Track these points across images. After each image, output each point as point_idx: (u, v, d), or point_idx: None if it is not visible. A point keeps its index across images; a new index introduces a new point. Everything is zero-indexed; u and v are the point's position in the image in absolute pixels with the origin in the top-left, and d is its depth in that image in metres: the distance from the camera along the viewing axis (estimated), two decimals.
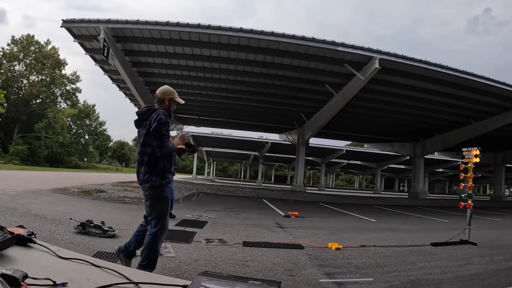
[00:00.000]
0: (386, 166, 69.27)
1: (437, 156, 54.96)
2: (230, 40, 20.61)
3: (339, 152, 60.10)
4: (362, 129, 38.77)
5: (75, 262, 1.86)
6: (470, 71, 22.57)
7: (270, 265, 6.98)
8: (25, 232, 2.06)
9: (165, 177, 5.38)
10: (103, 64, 25.38)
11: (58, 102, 73.50)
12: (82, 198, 16.24)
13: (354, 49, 20.59)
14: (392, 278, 6.61)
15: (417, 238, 11.37)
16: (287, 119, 34.66)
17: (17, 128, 64.62)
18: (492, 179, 56.98)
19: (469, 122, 31.36)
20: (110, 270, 1.77)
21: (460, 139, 33.24)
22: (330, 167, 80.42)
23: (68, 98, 75.07)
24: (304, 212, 17.66)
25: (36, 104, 68.86)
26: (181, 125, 44.14)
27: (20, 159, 55.68)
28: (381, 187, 73.56)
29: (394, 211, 23.67)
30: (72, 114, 68.89)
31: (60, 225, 8.95)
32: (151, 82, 28.23)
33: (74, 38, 21.85)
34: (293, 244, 9.22)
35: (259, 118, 37.51)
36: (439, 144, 37.83)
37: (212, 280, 1.46)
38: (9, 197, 13.43)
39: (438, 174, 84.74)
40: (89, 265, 1.84)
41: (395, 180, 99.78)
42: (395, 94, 25.89)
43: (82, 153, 76.07)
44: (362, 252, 8.82)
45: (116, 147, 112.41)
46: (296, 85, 25.91)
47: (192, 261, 6.75)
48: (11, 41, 66.62)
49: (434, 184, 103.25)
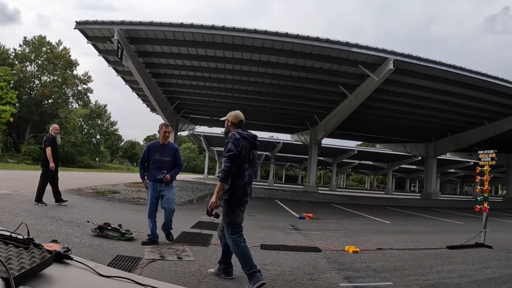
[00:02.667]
0: (398, 167, 68.96)
1: (449, 156, 54.70)
2: (244, 41, 20.66)
3: (350, 152, 59.91)
4: (374, 130, 38.60)
5: (117, 280, 1.83)
6: (483, 72, 22.43)
7: (289, 269, 6.97)
8: (60, 247, 2.04)
9: None
10: (116, 65, 25.51)
11: (69, 102, 73.93)
12: (96, 199, 16.26)
13: (368, 50, 20.50)
14: (411, 282, 6.58)
15: (433, 241, 11.26)
16: (300, 119, 34.63)
17: (29, 128, 64.91)
18: (504, 180, 56.62)
19: (482, 123, 31.16)
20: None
21: (473, 140, 33.18)
22: (341, 167, 80.00)
23: (80, 98, 75.41)
24: (317, 213, 17.63)
25: (48, 104, 69.10)
26: (193, 125, 44.23)
27: (32, 159, 55.82)
28: (392, 187, 73.16)
29: (407, 213, 23.49)
30: (83, 114, 69.15)
31: (77, 228, 8.96)
32: (164, 83, 28.33)
33: (87, 40, 21.98)
34: (310, 247, 9.19)
35: (271, 119, 37.51)
36: (452, 144, 37.66)
37: None
38: (24, 198, 13.43)
39: (449, 174, 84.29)
40: (133, 283, 1.81)
41: (406, 181, 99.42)
42: (408, 95, 25.78)
43: (94, 153, 76.23)
44: (379, 255, 8.77)
45: (127, 147, 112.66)
46: (309, 86, 25.89)
47: (212, 264, 6.74)
48: (23, 42, 67.13)
49: (446, 185, 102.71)
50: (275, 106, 31.38)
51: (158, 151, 8.59)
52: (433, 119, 31.85)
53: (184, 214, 13.66)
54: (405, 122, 33.26)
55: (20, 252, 1.91)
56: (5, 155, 54.99)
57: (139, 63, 23.24)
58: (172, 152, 8.70)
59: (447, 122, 32.71)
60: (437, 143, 39.21)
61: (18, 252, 1.91)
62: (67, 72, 69.42)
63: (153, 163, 8.54)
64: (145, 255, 7.00)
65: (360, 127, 36.92)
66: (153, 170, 8.50)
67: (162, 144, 8.69)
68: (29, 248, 1.97)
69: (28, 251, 1.94)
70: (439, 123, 33.19)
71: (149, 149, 8.69)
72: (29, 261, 1.80)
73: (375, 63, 21.53)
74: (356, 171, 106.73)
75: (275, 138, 58.95)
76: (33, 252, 1.92)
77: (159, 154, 8.54)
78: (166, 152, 8.62)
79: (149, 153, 8.64)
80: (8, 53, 66.16)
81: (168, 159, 8.59)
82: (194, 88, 28.87)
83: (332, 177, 67.92)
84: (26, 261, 1.80)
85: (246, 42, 20.77)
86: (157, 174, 8.41)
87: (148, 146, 8.90)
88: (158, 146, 8.70)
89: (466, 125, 32.82)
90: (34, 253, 1.90)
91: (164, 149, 8.64)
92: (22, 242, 2.05)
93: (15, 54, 66.53)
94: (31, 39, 67.14)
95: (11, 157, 55.48)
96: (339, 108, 27.99)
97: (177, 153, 8.84)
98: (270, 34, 19.65)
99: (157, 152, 8.56)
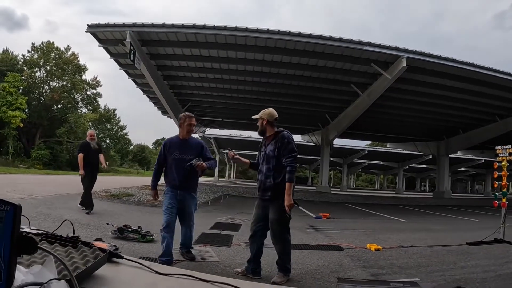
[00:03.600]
0: (408, 166, 68.80)
1: (460, 155, 54.48)
2: (257, 41, 20.70)
3: (361, 152, 59.93)
4: (385, 129, 38.50)
5: (180, 278, 1.73)
6: (495, 68, 22.36)
7: (315, 267, 7.00)
8: (109, 246, 1.94)
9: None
10: (127, 68, 25.55)
11: (79, 107, 74.10)
12: (111, 202, 16.34)
13: (381, 48, 20.48)
14: (438, 278, 6.60)
15: (452, 238, 11.30)
16: (311, 120, 34.55)
17: (39, 133, 65.16)
18: None
19: (494, 120, 31.01)
20: (224, 285, 1.64)
21: (485, 137, 33.01)
22: (351, 168, 80.00)
23: (89, 103, 75.57)
24: (333, 213, 17.60)
25: (58, 109, 69.43)
26: (204, 127, 44.30)
27: (42, 164, 56.13)
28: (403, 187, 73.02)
29: (421, 211, 23.51)
30: (93, 119, 69.50)
31: (96, 230, 8.98)
32: (175, 85, 28.38)
33: (99, 43, 22.00)
34: (332, 245, 9.25)
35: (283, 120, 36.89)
36: (464, 142, 37.45)
37: (356, 286, 1.35)
38: (39, 201, 13.55)
39: (460, 173, 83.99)
40: (197, 281, 1.71)
41: (417, 180, 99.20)
42: (420, 93, 25.70)
43: None
44: (401, 253, 8.81)
45: (136, 150, 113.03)
46: (321, 86, 25.90)
47: (236, 264, 6.78)
48: (31, 48, 67.37)
49: (456, 183, 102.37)
50: (286, 107, 31.29)
51: (178, 148, 6.93)
52: (444, 117, 31.78)
53: (201, 215, 13.61)
54: (416, 120, 33.18)
55: (69, 252, 1.80)
56: (16, 160, 55.33)
57: (151, 65, 23.29)
58: (196, 149, 7.04)
59: (459, 120, 32.57)
60: (449, 141, 38.99)
61: (67, 251, 1.80)
62: (76, 77, 69.69)
63: (172, 164, 6.88)
64: None
65: (372, 127, 36.80)
66: (172, 172, 6.86)
67: (183, 139, 7.02)
68: (78, 247, 1.86)
69: (78, 249, 1.83)
70: (450, 121, 33.09)
71: (166, 146, 7.06)
72: (82, 260, 1.69)
73: (388, 61, 21.46)
74: (366, 171, 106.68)
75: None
76: (83, 251, 1.81)
77: (179, 152, 6.88)
78: (188, 150, 6.93)
79: (166, 151, 7.02)
80: (17, 59, 66.52)
81: (191, 158, 6.77)
82: (205, 90, 28.91)
83: (342, 177, 67.97)
84: (79, 260, 1.68)
85: (259, 43, 20.78)
86: (176, 178, 6.79)
87: (165, 142, 7.21)
88: (177, 141, 7.04)
89: (477, 122, 32.67)
90: (86, 252, 1.79)
91: (186, 146, 6.96)
92: (68, 240, 1.94)
93: (24, 60, 66.97)
94: (39, 45, 67.50)
95: (21, 162, 55.75)
96: (351, 107, 27.91)
97: (204, 151, 7.15)
98: (283, 34, 19.68)
99: (177, 150, 6.91)
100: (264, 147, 6.45)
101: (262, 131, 6.40)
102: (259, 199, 6.45)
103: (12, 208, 1.14)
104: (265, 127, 6.36)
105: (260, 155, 6.52)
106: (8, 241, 1.13)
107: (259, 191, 6.40)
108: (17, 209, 1.14)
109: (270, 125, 6.38)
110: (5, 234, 1.13)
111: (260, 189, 6.35)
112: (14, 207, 1.14)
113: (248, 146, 62.36)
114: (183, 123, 7.03)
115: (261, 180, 6.33)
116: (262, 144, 6.59)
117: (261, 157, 6.46)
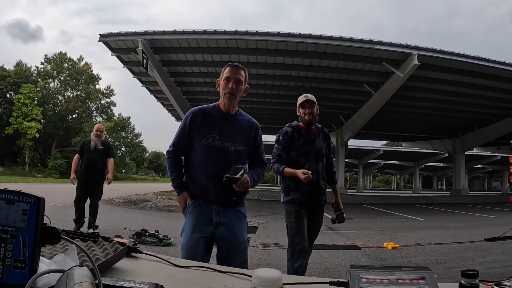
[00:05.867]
0: (424, 165, 68.36)
1: (476, 152, 54.03)
2: (268, 44, 20.69)
3: (376, 152, 59.58)
4: (400, 128, 38.17)
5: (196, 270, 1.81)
6: (509, 62, 22.15)
7: (332, 267, 7.04)
8: (128, 241, 2.02)
9: (286, 194, 5.08)
10: (140, 76, 25.64)
11: (93, 116, 74.56)
12: (128, 208, 16.47)
13: (392, 47, 20.42)
14: (456, 274, 6.45)
15: (469, 235, 11.30)
16: (325, 121, 34.29)
17: (55, 143, 65.67)
18: None
19: (509, 115, 30.62)
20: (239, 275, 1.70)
21: (500, 133, 32.70)
22: (367, 168, 79.25)
23: (103, 111, 76.03)
24: (350, 213, 17.47)
25: (72, 119, 70.09)
26: None
27: (59, 173, 56.47)
28: (420, 186, 72.58)
29: (438, 209, 23.38)
30: (108, 127, 69.75)
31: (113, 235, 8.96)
32: (188, 92, 28.46)
33: (112, 52, 22.16)
34: (349, 245, 9.26)
35: None
36: (479, 139, 37.03)
37: (369, 272, 1.40)
38: (57, 209, 13.68)
39: (477, 170, 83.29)
40: (214, 272, 1.81)
41: (434, 179, 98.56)
42: (433, 90, 25.52)
43: (119, 165, 76.85)
44: (419, 251, 8.80)
45: (152, 158, 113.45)
46: (334, 87, 25.84)
47: (255, 266, 6.69)
48: (44, 60, 68.06)
49: (474, 181, 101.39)
50: None
51: (216, 125, 3.51)
52: (459, 113, 31.44)
53: None
54: (430, 118, 32.93)
55: (89, 245, 1.89)
56: (33, 170, 56.03)
57: (164, 72, 23.37)
58: (248, 131, 3.66)
59: (473, 116, 32.23)
60: (464, 138, 38.60)
61: (88, 245, 1.88)
62: (90, 86, 70.28)
63: (203, 154, 3.48)
64: None
65: (386, 126, 36.57)
66: (201, 170, 3.49)
67: (227, 113, 3.60)
68: (98, 241, 1.94)
69: (98, 244, 1.92)
70: (465, 117, 32.72)
71: (195, 119, 3.53)
72: (102, 253, 1.77)
73: (399, 60, 21.36)
74: (382, 172, 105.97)
75: None
76: (103, 245, 1.90)
77: (217, 134, 3.46)
78: (234, 131, 3.55)
79: (193, 127, 3.52)
80: (31, 71, 67.19)
81: (239, 149, 3.52)
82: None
83: (358, 178, 67.50)
84: (99, 253, 1.77)
85: (270, 46, 20.76)
86: (209, 182, 3.44)
87: (194, 112, 3.59)
88: (216, 114, 3.59)
89: (492, 118, 32.33)
90: (106, 246, 1.87)
91: (231, 123, 3.59)
92: (88, 236, 2.02)
93: (38, 71, 67.70)
94: (52, 56, 68.17)
95: (38, 171, 56.26)
96: (364, 107, 27.79)
97: (258, 139, 3.78)
98: (293, 36, 19.68)
99: (213, 129, 3.48)
100: (304, 140, 5.07)
101: (314, 120, 5.19)
102: (309, 206, 5.02)
103: (36, 201, 1.21)
104: (316, 117, 5.21)
105: (300, 150, 5.02)
106: (32, 231, 1.20)
107: (311, 195, 4.96)
108: (40, 201, 1.22)
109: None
110: (30, 224, 1.19)
111: (314, 194, 4.99)
112: (38, 200, 1.21)
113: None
114: (222, 79, 3.68)
115: (317, 182, 4.97)
116: (296, 137, 5.07)
117: (303, 153, 5.01)
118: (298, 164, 4.90)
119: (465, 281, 1.38)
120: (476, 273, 1.38)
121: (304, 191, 4.88)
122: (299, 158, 5.00)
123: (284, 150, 5.05)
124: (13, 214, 1.19)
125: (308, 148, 5.05)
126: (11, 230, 1.18)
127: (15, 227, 1.18)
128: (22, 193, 1.21)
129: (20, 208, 1.19)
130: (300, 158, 5.00)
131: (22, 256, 1.18)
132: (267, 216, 15.95)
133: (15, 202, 1.19)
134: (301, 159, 4.99)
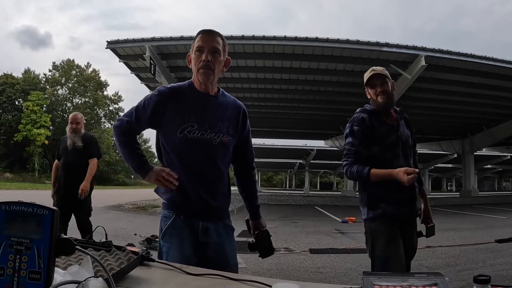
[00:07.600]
0: (433, 166, 68.06)
1: (485, 152, 53.66)
2: (274, 49, 20.73)
3: None
4: None
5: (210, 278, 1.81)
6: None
7: (343, 271, 7.00)
8: (140, 250, 2.02)
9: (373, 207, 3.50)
10: (148, 82, 25.70)
11: (102, 123, 75.10)
12: (138, 214, 16.51)
13: (398, 48, 20.43)
14: (467, 277, 6.38)
15: (480, 236, 11.17)
16: (333, 124, 34.31)
17: None
18: None
19: None
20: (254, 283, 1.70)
21: (509, 132, 32.67)
22: None
23: (112, 118, 76.26)
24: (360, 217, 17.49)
25: None
26: None
27: None
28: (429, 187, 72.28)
29: (448, 211, 23.20)
30: None
31: (124, 241, 8.98)
32: None
33: (119, 59, 22.27)
34: (359, 248, 9.12)
35: (304, 126, 37.52)
36: (488, 139, 36.92)
37: (381, 278, 1.40)
38: None
39: (486, 171, 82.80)
40: (227, 280, 1.79)
41: (443, 180, 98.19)
42: (441, 91, 25.53)
43: (129, 171, 76.98)
44: (429, 253, 8.69)
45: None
46: (341, 90, 25.78)
47: (265, 270, 6.81)
48: (52, 67, 68.62)
49: (483, 182, 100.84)
50: (307, 112, 31.29)
51: (194, 111, 2.62)
52: (467, 114, 31.36)
53: None
54: (439, 119, 32.92)
55: (103, 255, 1.89)
56: (42, 177, 56.22)
57: (172, 78, 23.40)
58: (234, 116, 2.82)
59: (482, 116, 32.14)
60: (473, 138, 38.40)
61: (101, 255, 1.89)
62: (98, 93, 70.65)
63: (178, 150, 2.68)
64: None
65: None
66: (178, 174, 2.61)
67: (205, 93, 2.69)
68: (112, 250, 1.95)
69: (111, 253, 1.93)
70: (473, 117, 32.64)
71: (165, 97, 2.64)
72: (116, 262, 1.78)
73: (406, 61, 21.32)
74: None
75: (309, 146, 58.72)
76: (117, 254, 1.91)
77: (195, 123, 2.58)
78: (217, 117, 2.68)
79: (161, 106, 2.61)
80: (39, 78, 67.66)
81: (225, 140, 2.68)
82: None
83: None
84: (113, 262, 1.78)
85: (277, 50, 20.79)
86: (190, 188, 2.63)
87: (162, 92, 2.65)
88: (191, 96, 2.67)
89: (501, 117, 32.17)
90: (119, 255, 1.88)
91: (212, 107, 2.70)
92: (101, 245, 2.03)
93: (46, 78, 68.27)
94: (60, 63, 68.62)
95: (47, 178, 56.39)
96: None
97: (247, 126, 3.04)
98: (300, 40, 19.74)
99: (190, 115, 2.59)
100: (387, 128, 3.58)
101: (391, 101, 3.66)
102: (403, 220, 3.49)
103: (50, 212, 1.21)
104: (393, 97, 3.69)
105: (385, 143, 3.51)
106: (47, 243, 1.20)
107: (406, 206, 3.48)
108: (55, 213, 1.22)
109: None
110: (44, 236, 1.20)
111: (409, 203, 3.51)
112: (52, 212, 1.22)
113: (271, 154, 62.24)
114: (192, 52, 2.71)
115: (412, 185, 3.30)
116: (375, 125, 3.55)
117: (389, 146, 3.50)
118: (384, 162, 3.40)
119: (477, 286, 1.37)
120: (488, 278, 1.37)
121: (398, 200, 3.38)
122: (385, 154, 3.47)
123: (363, 145, 3.48)
124: (28, 226, 1.19)
125: (393, 138, 3.54)
126: (26, 242, 1.18)
127: (29, 238, 1.19)
128: (36, 205, 1.21)
129: (35, 220, 1.19)
130: (386, 153, 3.47)
131: (37, 267, 1.18)
132: (276, 220, 15.93)
133: (30, 214, 1.20)
134: (388, 154, 3.47)
